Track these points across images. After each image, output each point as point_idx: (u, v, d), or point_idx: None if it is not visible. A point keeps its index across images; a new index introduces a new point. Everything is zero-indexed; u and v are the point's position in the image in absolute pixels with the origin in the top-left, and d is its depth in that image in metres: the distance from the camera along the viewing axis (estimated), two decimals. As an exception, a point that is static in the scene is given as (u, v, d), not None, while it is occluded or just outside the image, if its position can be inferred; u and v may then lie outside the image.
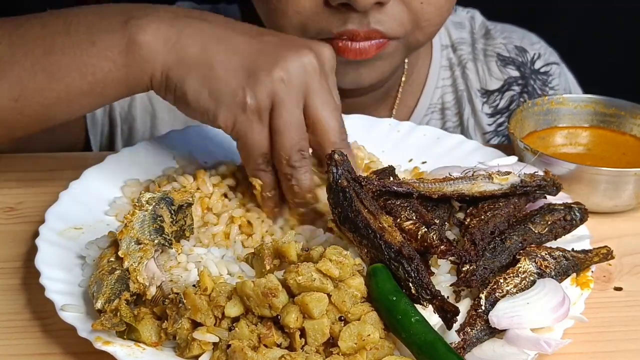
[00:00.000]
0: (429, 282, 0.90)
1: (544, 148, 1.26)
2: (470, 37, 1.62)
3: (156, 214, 0.98)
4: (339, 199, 0.97)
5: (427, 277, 0.91)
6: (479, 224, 1.01)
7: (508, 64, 1.61)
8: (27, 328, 0.97)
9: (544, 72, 1.64)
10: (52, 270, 0.98)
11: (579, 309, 0.96)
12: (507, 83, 1.61)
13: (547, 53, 1.67)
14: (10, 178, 1.27)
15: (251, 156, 1.05)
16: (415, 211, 0.97)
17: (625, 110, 1.31)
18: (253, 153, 1.05)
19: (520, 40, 1.65)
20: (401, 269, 0.91)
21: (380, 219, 0.95)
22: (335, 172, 0.98)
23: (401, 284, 0.91)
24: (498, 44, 1.63)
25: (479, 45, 1.62)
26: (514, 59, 1.62)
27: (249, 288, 0.87)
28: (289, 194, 1.07)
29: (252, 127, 1.02)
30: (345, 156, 0.99)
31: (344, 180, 0.98)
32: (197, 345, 0.87)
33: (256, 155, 1.05)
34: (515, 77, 1.61)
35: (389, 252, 0.92)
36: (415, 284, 0.90)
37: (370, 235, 0.94)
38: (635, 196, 1.19)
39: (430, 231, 0.94)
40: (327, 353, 0.86)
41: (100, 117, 1.49)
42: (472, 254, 0.97)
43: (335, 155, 0.98)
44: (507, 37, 1.64)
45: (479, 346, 0.91)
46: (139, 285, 0.91)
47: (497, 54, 1.61)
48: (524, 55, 1.64)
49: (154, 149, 1.25)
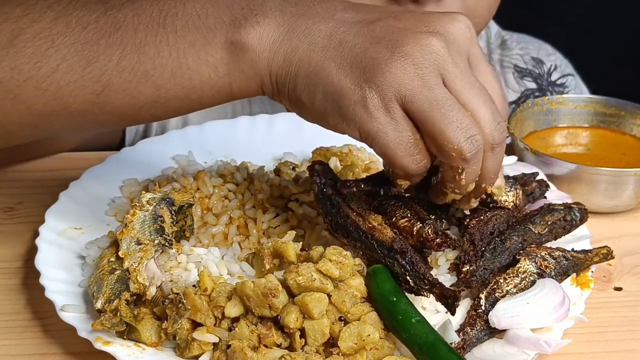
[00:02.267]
0: (425, 271, 0.91)
1: (544, 148, 1.27)
2: (487, 47, 1.62)
3: (157, 214, 0.98)
4: (327, 207, 0.98)
5: (423, 267, 0.91)
6: (478, 224, 1.01)
7: (525, 76, 1.61)
8: (27, 328, 0.97)
9: (560, 84, 1.65)
10: (52, 270, 0.98)
11: (579, 309, 0.96)
12: (525, 95, 1.60)
13: (563, 65, 1.68)
14: (10, 178, 1.27)
15: (396, 161, 0.88)
16: (409, 209, 0.97)
17: (625, 110, 1.31)
18: (397, 157, 0.88)
19: (537, 52, 1.65)
20: (396, 264, 0.91)
21: (368, 219, 0.95)
22: (320, 182, 0.99)
23: (400, 280, 0.91)
24: (515, 55, 1.62)
25: (495, 55, 1.61)
26: (531, 70, 1.62)
27: (249, 288, 0.87)
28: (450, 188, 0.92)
29: (382, 126, 0.87)
30: (326, 165, 1.00)
31: (329, 188, 0.98)
32: (197, 346, 0.87)
33: (402, 159, 0.88)
34: (532, 89, 1.61)
35: (381, 250, 0.92)
36: (412, 276, 0.90)
37: (362, 237, 0.94)
38: (635, 196, 1.19)
39: (425, 226, 0.94)
40: (327, 353, 0.86)
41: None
42: (471, 254, 0.97)
43: (316, 166, 0.99)
44: (523, 48, 1.64)
45: (479, 346, 0.91)
46: (139, 285, 0.91)
47: (514, 65, 1.61)
48: (540, 67, 1.63)
49: (154, 149, 1.25)
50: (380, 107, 0.86)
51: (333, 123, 0.90)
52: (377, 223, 0.95)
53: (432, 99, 0.86)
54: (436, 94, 0.86)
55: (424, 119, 0.86)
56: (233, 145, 1.28)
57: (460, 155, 0.86)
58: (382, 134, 0.87)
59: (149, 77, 0.91)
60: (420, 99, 0.86)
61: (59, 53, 0.91)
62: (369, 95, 0.86)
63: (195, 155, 1.25)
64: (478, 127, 0.87)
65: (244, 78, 0.92)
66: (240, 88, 0.93)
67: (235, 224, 1.08)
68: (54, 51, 0.91)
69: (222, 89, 0.93)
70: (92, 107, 0.93)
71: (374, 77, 0.87)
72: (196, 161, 1.24)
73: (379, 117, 0.87)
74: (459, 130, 0.86)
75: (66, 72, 0.91)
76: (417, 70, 0.86)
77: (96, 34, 0.92)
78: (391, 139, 0.87)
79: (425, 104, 0.86)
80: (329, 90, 0.88)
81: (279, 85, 0.92)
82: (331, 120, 0.90)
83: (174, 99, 0.93)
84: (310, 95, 0.90)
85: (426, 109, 0.86)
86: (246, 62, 0.91)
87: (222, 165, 1.18)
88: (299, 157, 1.25)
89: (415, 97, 0.86)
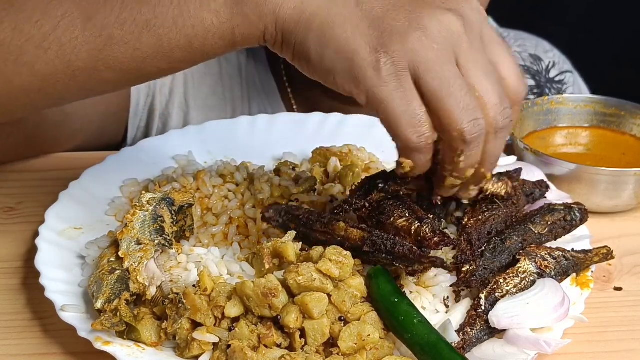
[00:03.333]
0: (410, 247, 0.91)
1: (544, 148, 1.27)
2: None
3: (157, 214, 0.98)
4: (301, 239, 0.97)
5: (406, 246, 0.91)
6: (476, 224, 1.01)
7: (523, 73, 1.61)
8: (27, 328, 0.97)
9: (559, 80, 1.64)
10: (52, 270, 0.98)
11: (579, 309, 0.96)
12: None
13: (561, 61, 1.67)
14: (10, 178, 1.27)
15: (399, 131, 0.86)
16: (408, 208, 0.97)
17: (625, 110, 1.31)
18: (401, 127, 0.86)
19: (534, 48, 1.65)
20: (382, 258, 0.92)
21: (333, 234, 0.96)
22: (279, 223, 1.00)
23: (397, 272, 0.91)
24: (512, 52, 1.62)
25: None
26: (529, 67, 1.61)
27: (249, 288, 0.87)
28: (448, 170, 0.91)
29: (391, 93, 0.85)
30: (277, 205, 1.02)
31: (291, 225, 1.00)
32: (197, 346, 0.87)
33: (405, 130, 0.86)
34: (530, 86, 1.60)
35: (360, 254, 0.93)
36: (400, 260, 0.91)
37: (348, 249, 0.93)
38: (635, 196, 1.19)
39: (423, 225, 0.94)
40: (327, 353, 0.87)
41: (141, 110, 1.45)
42: (468, 254, 0.97)
43: (270, 212, 1.00)
44: (521, 45, 1.64)
45: (479, 346, 0.91)
46: (139, 285, 0.91)
47: None
48: (539, 64, 1.63)
49: (154, 149, 1.25)
50: (392, 74, 0.85)
51: (340, 82, 0.87)
52: (341, 231, 0.95)
53: (443, 76, 0.85)
54: (448, 71, 0.85)
55: (432, 94, 0.85)
56: (233, 145, 1.28)
57: (462, 136, 0.85)
58: (390, 100, 0.85)
59: (150, 27, 0.90)
60: (431, 74, 0.85)
61: (58, 9, 0.90)
62: (382, 60, 0.85)
63: (195, 155, 1.25)
64: (484, 111, 0.86)
65: (247, 24, 0.90)
66: (242, 35, 0.90)
67: (235, 224, 1.08)
68: (53, 7, 0.90)
69: (225, 35, 0.90)
70: (95, 63, 0.91)
71: (390, 44, 0.85)
72: (196, 161, 1.24)
73: (389, 84, 0.85)
74: (464, 111, 0.85)
75: (67, 29, 0.90)
76: (433, 45, 0.85)
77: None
78: (398, 106, 0.85)
79: (436, 80, 0.85)
80: (343, 48, 0.86)
81: (284, 34, 0.89)
82: (339, 78, 0.87)
83: (177, 49, 0.91)
84: (320, 49, 0.87)
85: (436, 85, 0.85)
86: (250, 5, 0.89)
87: (222, 165, 1.18)
88: (299, 157, 1.25)
89: (428, 71, 0.85)
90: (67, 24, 0.90)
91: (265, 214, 1.01)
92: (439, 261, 0.91)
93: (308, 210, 1.00)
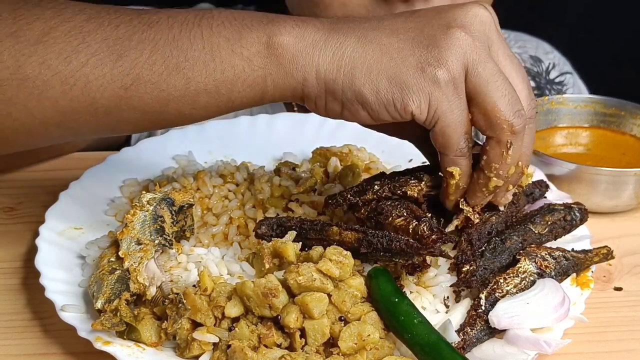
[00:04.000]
0: (407, 241, 0.91)
1: (544, 148, 1.27)
2: None
3: (157, 214, 0.98)
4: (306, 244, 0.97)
5: (402, 240, 0.91)
6: (476, 224, 1.01)
7: None
8: (27, 328, 0.97)
9: (559, 82, 1.64)
10: (52, 270, 0.98)
11: (579, 309, 0.96)
12: None
13: (561, 63, 1.68)
14: (10, 178, 1.27)
15: (453, 139, 0.88)
16: (405, 208, 0.97)
17: (625, 110, 1.31)
18: (455, 135, 0.88)
19: (534, 50, 1.65)
20: (381, 256, 0.92)
21: (328, 239, 0.95)
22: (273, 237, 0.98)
23: (397, 272, 0.91)
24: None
25: None
26: (529, 69, 1.61)
27: (249, 288, 0.87)
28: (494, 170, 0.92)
29: (451, 103, 0.87)
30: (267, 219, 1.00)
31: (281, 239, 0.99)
32: (197, 346, 0.87)
33: (458, 137, 0.89)
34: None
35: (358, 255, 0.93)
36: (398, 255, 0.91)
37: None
38: (635, 196, 1.19)
39: (421, 223, 0.94)
40: (327, 353, 0.87)
41: None
42: (468, 254, 0.97)
43: (262, 228, 0.99)
44: (521, 47, 1.64)
45: (479, 346, 0.91)
46: (139, 285, 0.91)
47: None
48: (539, 65, 1.63)
49: (154, 148, 1.25)
50: (450, 83, 0.86)
51: (401, 107, 0.87)
52: (336, 235, 0.95)
53: (489, 72, 0.86)
54: (492, 66, 0.87)
55: (479, 91, 0.87)
56: (233, 145, 1.28)
57: (511, 128, 0.87)
58: (449, 112, 0.87)
59: (180, 69, 0.89)
60: (479, 72, 0.86)
61: (89, 48, 0.89)
62: (439, 72, 0.86)
63: (195, 155, 1.25)
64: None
65: (282, 73, 0.89)
66: (275, 84, 0.90)
67: (235, 224, 1.08)
68: (85, 47, 0.89)
69: (255, 83, 0.89)
70: (119, 102, 0.91)
71: (440, 54, 0.86)
72: (196, 161, 1.24)
73: (448, 94, 0.86)
74: (509, 104, 0.87)
75: (96, 67, 0.89)
76: (475, 42, 0.87)
77: (129, 31, 0.90)
78: (456, 117, 0.87)
79: (484, 77, 0.86)
80: (395, 75, 0.87)
81: (327, 83, 0.89)
82: (398, 104, 0.87)
83: (204, 92, 0.90)
84: (374, 85, 0.87)
85: (482, 82, 0.86)
86: (286, 57, 0.88)
87: (222, 165, 1.18)
88: (299, 157, 1.26)
89: (476, 70, 0.86)
90: (96, 62, 0.89)
91: (258, 231, 1.00)
92: (437, 250, 0.91)
93: (300, 219, 0.99)
